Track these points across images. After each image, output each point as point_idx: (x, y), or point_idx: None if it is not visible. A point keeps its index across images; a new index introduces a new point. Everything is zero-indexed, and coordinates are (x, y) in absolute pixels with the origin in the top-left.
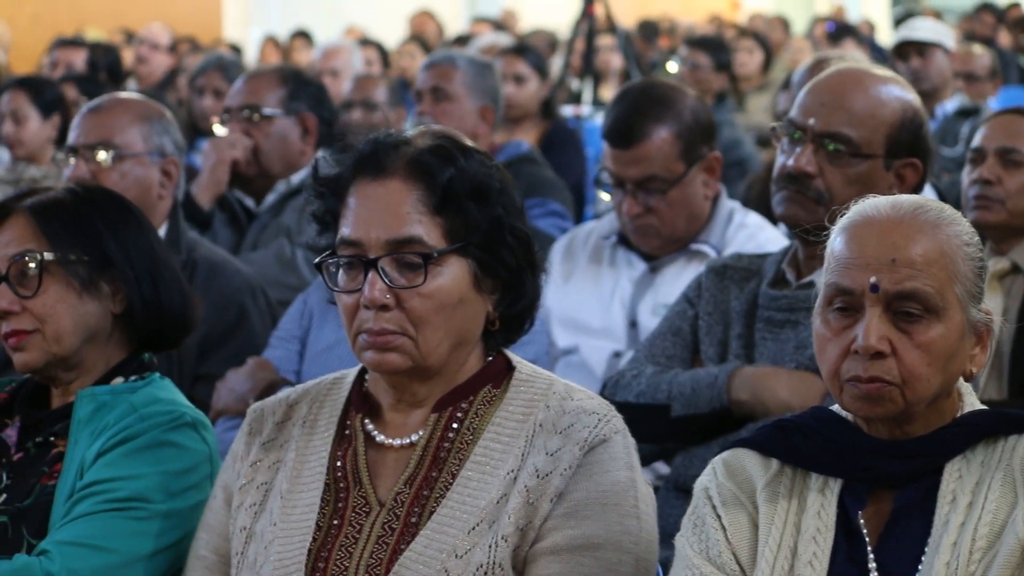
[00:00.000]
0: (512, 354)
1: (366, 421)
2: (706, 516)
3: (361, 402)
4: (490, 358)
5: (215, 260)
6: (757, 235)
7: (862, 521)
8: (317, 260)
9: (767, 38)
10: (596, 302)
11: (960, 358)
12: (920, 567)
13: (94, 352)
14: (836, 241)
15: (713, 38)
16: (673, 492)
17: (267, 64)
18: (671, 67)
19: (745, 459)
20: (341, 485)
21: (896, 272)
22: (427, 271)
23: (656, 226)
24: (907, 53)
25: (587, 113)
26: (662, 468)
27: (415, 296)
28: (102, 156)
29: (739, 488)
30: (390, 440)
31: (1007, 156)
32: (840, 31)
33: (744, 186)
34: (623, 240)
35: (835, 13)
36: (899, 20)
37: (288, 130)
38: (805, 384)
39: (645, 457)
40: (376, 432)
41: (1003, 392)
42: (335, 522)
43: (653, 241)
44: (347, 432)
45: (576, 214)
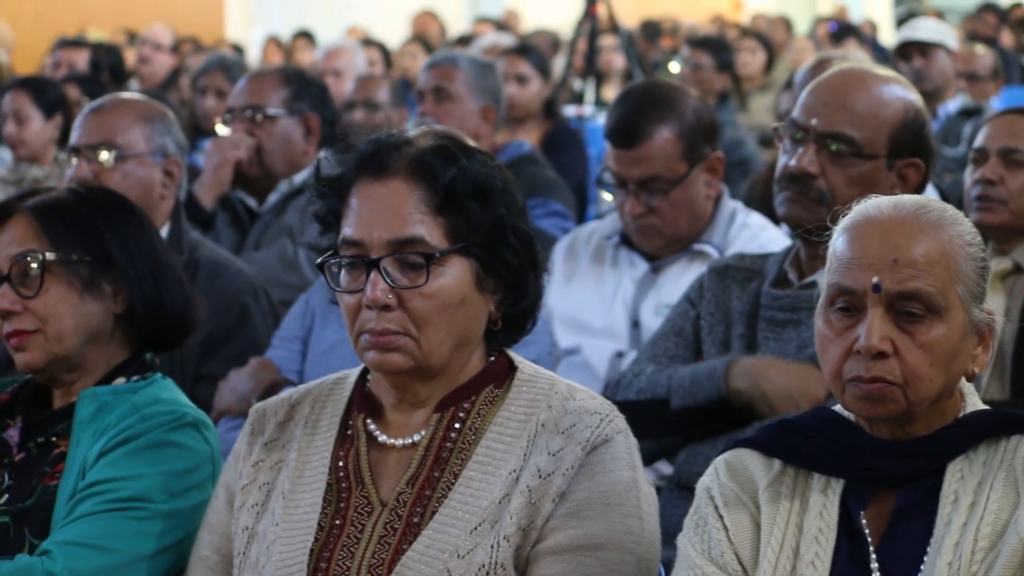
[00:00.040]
0: (514, 354)
1: (368, 421)
2: (708, 516)
3: (363, 402)
4: (492, 358)
5: (217, 260)
6: (759, 235)
7: (864, 521)
8: (319, 260)
9: (769, 38)
10: (598, 302)
11: (962, 358)
12: (922, 567)
13: (96, 352)
14: (838, 241)
15: (715, 38)
16: (676, 492)
17: (270, 64)
18: (673, 67)
19: (747, 459)
20: (343, 485)
21: (898, 272)
22: (429, 271)
23: (658, 226)
24: (909, 53)
25: (589, 113)
26: (665, 468)
27: (417, 296)
28: (104, 156)
29: (741, 488)
30: (392, 440)
31: (1010, 156)
32: (842, 31)
33: (746, 186)
34: (625, 240)
35: (837, 13)
36: (901, 20)
37: (291, 130)
38: (804, 373)
39: (648, 456)
40: (378, 432)
41: (1005, 392)
42: (337, 522)
43: (655, 241)
44: (349, 432)
45: (578, 214)
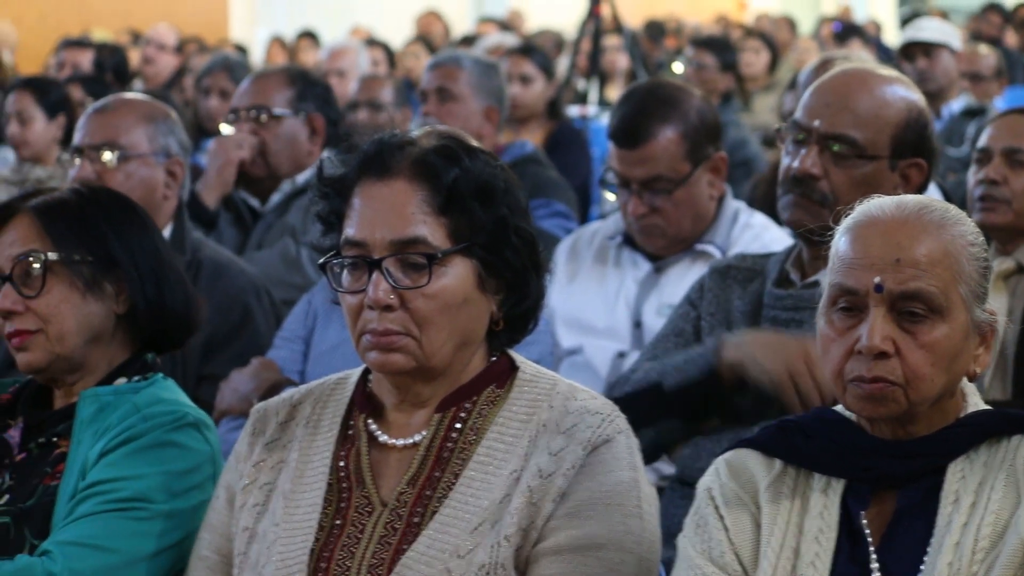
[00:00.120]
0: (516, 354)
1: (369, 421)
2: (709, 516)
3: (365, 402)
4: (494, 358)
5: (220, 260)
6: (762, 235)
7: (864, 521)
8: (321, 260)
9: (773, 38)
10: (601, 302)
11: (964, 358)
12: (922, 567)
13: (97, 352)
14: (840, 241)
15: (719, 38)
16: (678, 492)
17: (274, 64)
18: (677, 67)
19: (748, 459)
20: (344, 485)
21: (900, 272)
22: (431, 271)
23: (661, 226)
24: (913, 54)
25: (593, 113)
26: (666, 468)
27: (419, 296)
28: (107, 157)
29: (742, 488)
30: (393, 440)
31: (1013, 156)
32: (846, 31)
33: (749, 186)
34: (628, 240)
35: (841, 13)
36: (905, 20)
37: (296, 130)
38: (796, 336)
39: (648, 448)
40: (379, 432)
41: (1007, 392)
42: (337, 522)
43: (658, 241)
44: (350, 432)
45: (582, 214)
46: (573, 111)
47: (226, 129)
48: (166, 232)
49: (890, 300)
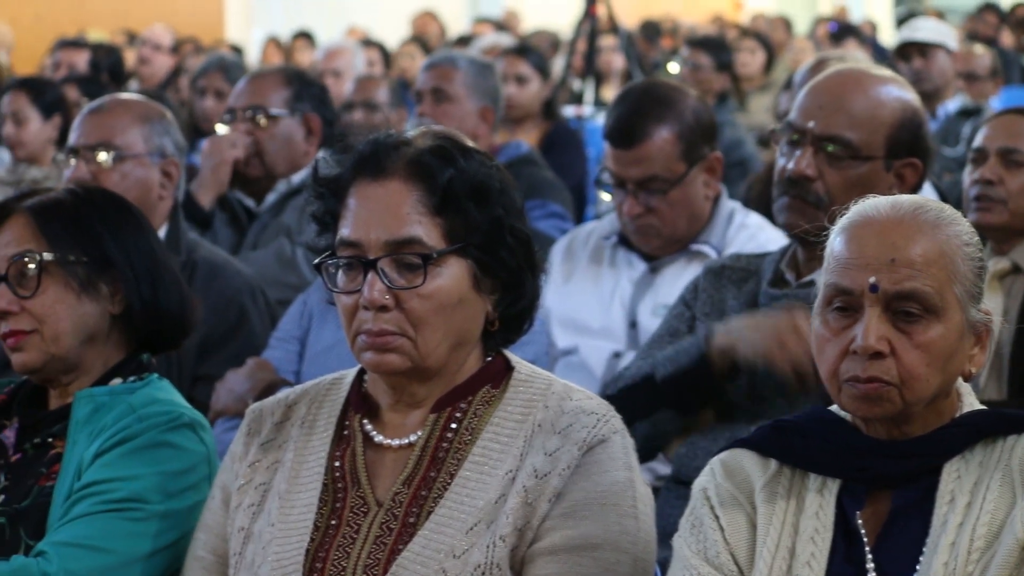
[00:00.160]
0: (511, 354)
1: (365, 421)
2: (704, 517)
3: (360, 402)
4: (489, 358)
5: (215, 261)
6: (758, 235)
7: (860, 521)
8: (317, 261)
9: (769, 38)
10: (596, 302)
11: (959, 358)
12: (918, 567)
13: (92, 353)
14: (836, 241)
15: (715, 38)
16: (673, 492)
17: (270, 65)
18: (673, 67)
19: (743, 459)
20: (339, 485)
21: (895, 272)
22: (426, 272)
23: (657, 226)
24: (909, 54)
25: (589, 113)
26: (662, 468)
27: (414, 297)
28: (103, 157)
29: (737, 488)
30: (388, 440)
31: (1009, 156)
32: (842, 31)
33: (745, 186)
34: (623, 240)
35: (837, 13)
36: (901, 20)
37: (293, 131)
38: (784, 311)
39: (644, 443)
40: (375, 432)
41: (1003, 392)
42: (333, 522)
43: (654, 241)
44: (346, 432)
45: (577, 215)
46: (569, 111)
47: (222, 129)
48: (161, 232)
49: (885, 300)
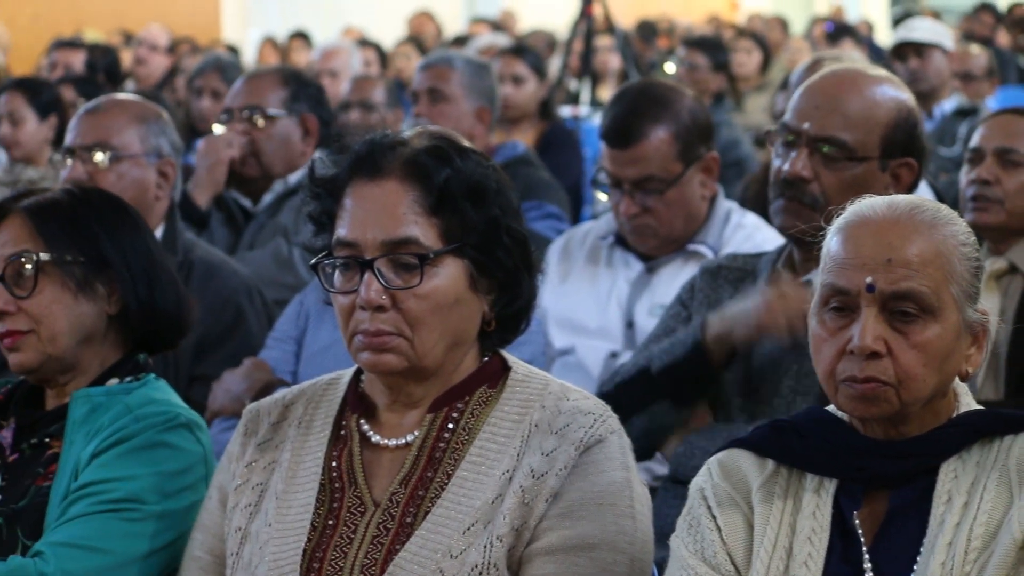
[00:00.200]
0: (508, 354)
1: (362, 421)
2: (701, 516)
3: (357, 402)
4: (486, 358)
5: (212, 261)
6: (754, 235)
7: (857, 521)
8: (313, 261)
9: (765, 38)
10: (593, 302)
11: (956, 358)
12: (915, 567)
13: (89, 353)
14: (832, 241)
15: (711, 38)
16: (671, 492)
17: (267, 65)
18: (669, 67)
19: (741, 459)
20: (336, 485)
21: (892, 272)
22: (423, 272)
23: (653, 226)
24: (905, 54)
25: (585, 113)
26: (659, 468)
27: (411, 297)
28: (99, 157)
29: (734, 488)
30: (385, 440)
31: (1005, 156)
32: (839, 31)
33: (741, 186)
34: (620, 240)
35: (834, 13)
36: (898, 20)
37: (290, 131)
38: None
39: (640, 439)
40: (371, 432)
41: (1000, 392)
42: (330, 522)
43: (650, 241)
44: (343, 432)
45: (574, 214)
46: (565, 111)
47: (219, 129)
48: (158, 233)
49: (882, 300)
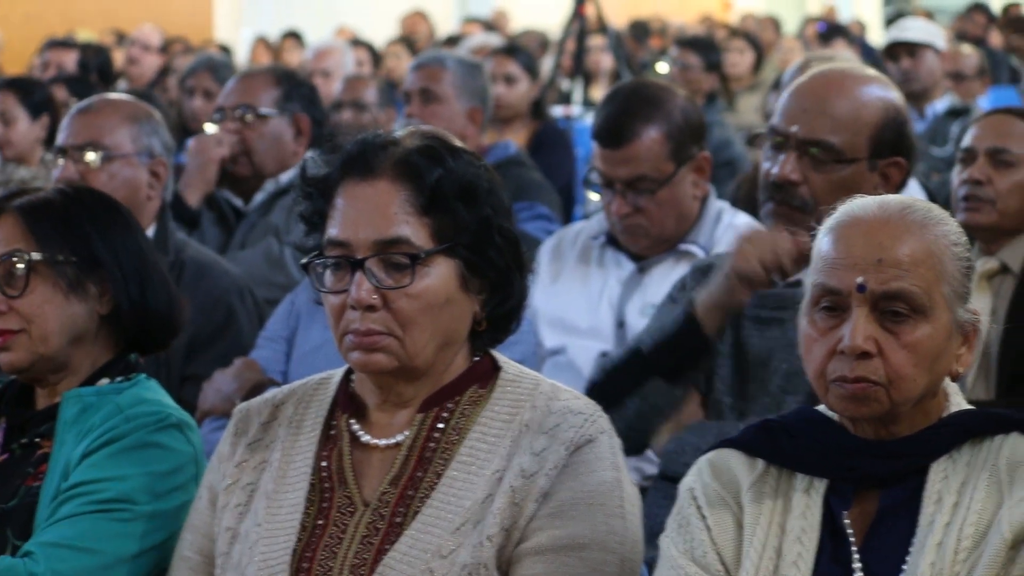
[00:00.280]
0: (499, 354)
1: (352, 421)
2: (691, 516)
3: (347, 402)
4: (476, 358)
5: (203, 261)
6: None
7: (847, 521)
8: (304, 261)
9: (758, 38)
10: (584, 302)
11: (946, 358)
12: (905, 567)
13: (80, 353)
14: (823, 241)
15: (703, 38)
16: (661, 492)
17: (259, 64)
18: (661, 67)
19: (731, 459)
20: (326, 485)
21: (883, 272)
22: (414, 272)
23: (645, 226)
24: (898, 54)
25: (577, 113)
26: (649, 468)
27: (402, 297)
28: (91, 157)
29: (724, 488)
30: (375, 440)
31: (997, 156)
32: (831, 31)
33: (733, 186)
34: (611, 240)
35: (826, 13)
36: (890, 20)
37: (282, 130)
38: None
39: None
40: (361, 432)
41: (990, 392)
42: (320, 522)
43: (642, 241)
44: (333, 432)
45: (565, 214)
46: (557, 111)
47: (211, 128)
48: (149, 232)
49: (872, 300)
